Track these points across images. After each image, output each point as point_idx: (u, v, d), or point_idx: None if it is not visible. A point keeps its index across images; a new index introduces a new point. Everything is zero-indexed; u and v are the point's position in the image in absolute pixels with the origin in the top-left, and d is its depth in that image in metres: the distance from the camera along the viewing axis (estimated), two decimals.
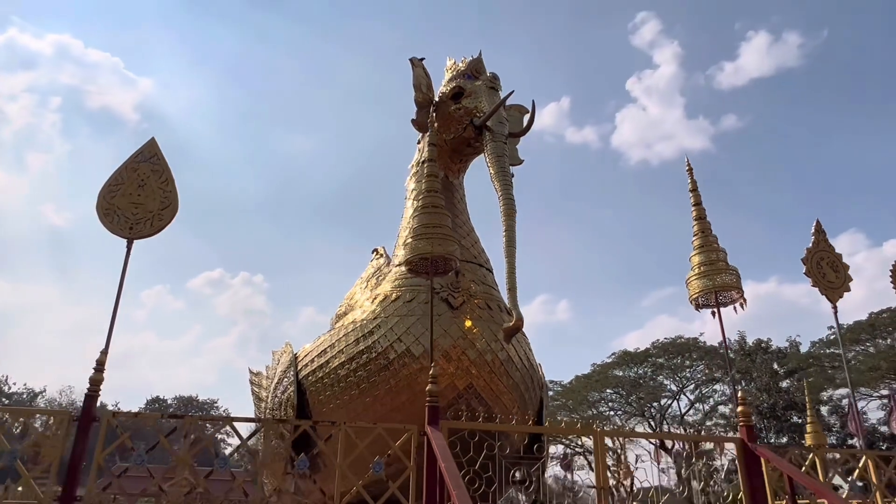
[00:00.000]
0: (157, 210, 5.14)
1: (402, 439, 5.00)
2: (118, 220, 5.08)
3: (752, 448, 5.42)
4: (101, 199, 5.12)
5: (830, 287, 6.47)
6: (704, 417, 39.61)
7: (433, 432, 4.80)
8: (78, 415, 4.31)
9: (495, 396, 8.09)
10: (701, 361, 40.25)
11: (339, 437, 4.89)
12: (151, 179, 5.25)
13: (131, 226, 5.07)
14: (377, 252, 12.72)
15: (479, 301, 8.34)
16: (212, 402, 66.28)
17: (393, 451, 4.87)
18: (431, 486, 4.53)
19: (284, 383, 9.20)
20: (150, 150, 5.42)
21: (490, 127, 8.56)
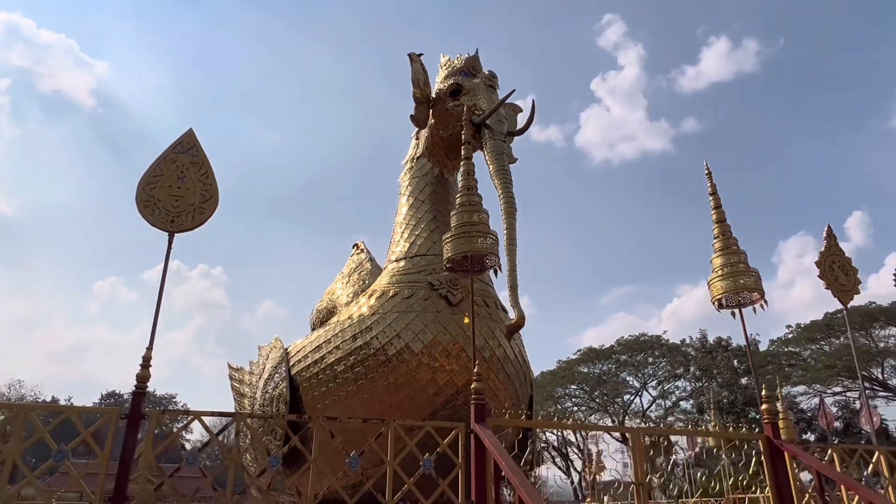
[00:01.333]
0: (198, 203, 5.00)
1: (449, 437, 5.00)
2: (159, 212, 4.92)
3: (777, 444, 5.60)
4: (140, 191, 4.94)
5: (842, 290, 6.74)
6: (666, 413, 40.60)
7: (482, 430, 4.82)
8: (126, 412, 4.17)
9: (492, 393, 8.14)
10: (663, 358, 41.28)
11: (388, 435, 4.85)
12: (191, 171, 5.10)
13: (172, 219, 4.92)
14: (357, 247, 12.67)
15: (476, 298, 8.36)
16: (170, 396, 65.04)
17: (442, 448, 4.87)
18: (480, 483, 4.55)
19: (276, 379, 9.08)
20: (188, 141, 5.26)
21: (489, 125, 8.59)
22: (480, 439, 4.78)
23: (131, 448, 4.00)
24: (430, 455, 4.76)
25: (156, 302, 4.63)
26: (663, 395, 40.35)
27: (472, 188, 6.11)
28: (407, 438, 4.82)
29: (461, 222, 5.84)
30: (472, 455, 4.77)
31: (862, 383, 9.24)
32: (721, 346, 38.40)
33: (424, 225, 9.02)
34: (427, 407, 7.79)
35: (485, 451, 4.67)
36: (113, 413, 4.22)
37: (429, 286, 8.29)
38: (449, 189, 9.57)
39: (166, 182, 5.08)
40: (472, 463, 4.61)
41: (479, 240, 5.72)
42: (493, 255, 5.93)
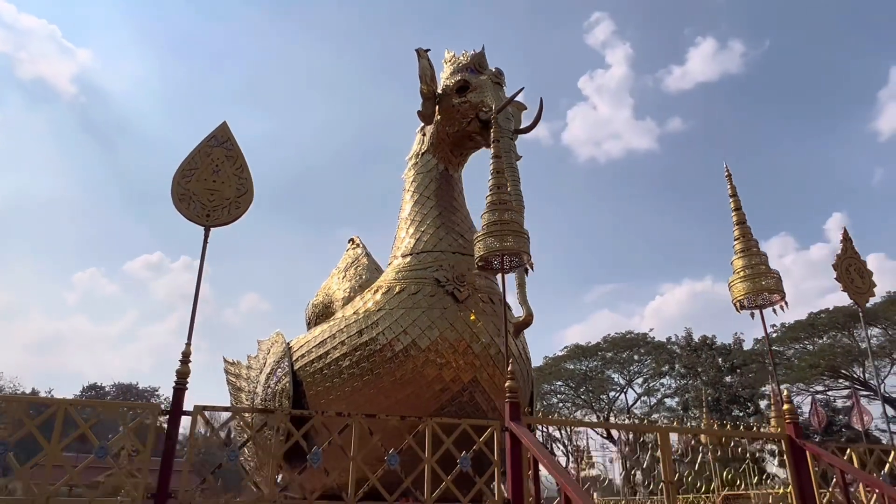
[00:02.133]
0: (234, 197, 4.94)
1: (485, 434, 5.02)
2: (194, 206, 4.85)
3: (799, 443, 5.69)
4: (175, 184, 4.87)
5: (858, 292, 6.85)
6: (651, 410, 41.05)
7: (518, 428, 4.84)
8: (167, 408, 4.12)
9: (497, 389, 8.17)
10: (649, 356, 41.70)
11: (426, 433, 4.85)
12: (226, 165, 5.03)
13: (208, 213, 4.85)
14: (353, 242, 12.62)
15: (482, 295, 8.39)
16: (153, 389, 64.26)
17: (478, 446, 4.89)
18: (517, 480, 4.57)
19: (278, 374, 9.03)
20: (223, 134, 5.19)
21: (498, 122, 8.58)
22: (517, 437, 4.79)
23: (173, 445, 3.96)
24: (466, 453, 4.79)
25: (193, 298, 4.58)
26: (648, 393, 40.82)
27: (501, 186, 6.11)
28: (444, 436, 4.82)
29: (492, 220, 5.84)
30: (508, 453, 4.78)
31: (877, 377, 9.33)
32: (706, 344, 38.87)
33: (430, 221, 9.01)
34: (433, 403, 7.81)
35: (520, 449, 4.69)
36: (154, 409, 4.17)
37: (435, 282, 8.29)
38: (454, 185, 9.57)
39: (201, 175, 5.01)
40: (507, 460, 4.62)
41: (510, 238, 5.73)
42: (524, 254, 5.92)
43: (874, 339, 32.09)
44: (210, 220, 4.89)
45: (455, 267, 8.42)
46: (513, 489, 4.66)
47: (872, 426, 34.91)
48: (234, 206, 5.00)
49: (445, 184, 9.42)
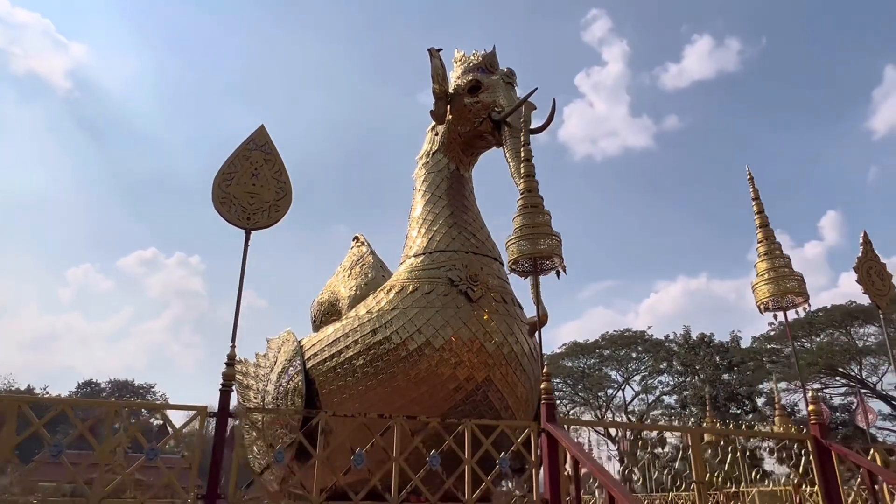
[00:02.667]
0: (273, 201, 4.96)
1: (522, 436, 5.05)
2: (235, 209, 4.87)
3: (825, 444, 5.76)
4: (215, 188, 4.89)
5: (879, 294, 6.92)
6: (648, 408, 41.22)
7: (556, 430, 4.88)
8: (215, 410, 4.14)
9: (511, 388, 8.22)
10: (647, 353, 41.85)
11: (463, 434, 4.87)
12: (264, 168, 5.04)
13: (248, 216, 4.87)
14: (357, 240, 12.63)
15: (495, 294, 8.42)
16: (149, 386, 64.04)
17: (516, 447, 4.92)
18: (554, 482, 4.61)
19: (290, 372, 9.04)
20: (261, 138, 5.20)
21: (510, 123, 8.62)
22: (555, 438, 4.82)
23: (221, 446, 3.97)
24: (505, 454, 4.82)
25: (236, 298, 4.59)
26: (646, 390, 40.96)
27: (533, 189, 6.14)
28: (482, 437, 4.86)
29: (524, 224, 5.86)
30: (545, 454, 4.80)
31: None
32: (704, 342, 39.04)
33: (443, 221, 9.02)
34: (447, 402, 7.84)
35: (557, 450, 4.72)
36: (202, 411, 4.19)
37: (448, 282, 8.31)
38: (465, 185, 9.58)
39: (241, 179, 5.02)
40: (544, 461, 4.65)
41: (542, 241, 5.75)
42: (557, 257, 5.94)
43: (871, 337, 32.31)
44: (251, 224, 4.91)
45: (468, 266, 8.44)
46: (550, 490, 4.68)
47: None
48: (273, 210, 5.02)
49: (457, 183, 9.43)
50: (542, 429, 5.00)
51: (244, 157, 5.19)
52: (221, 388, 4.32)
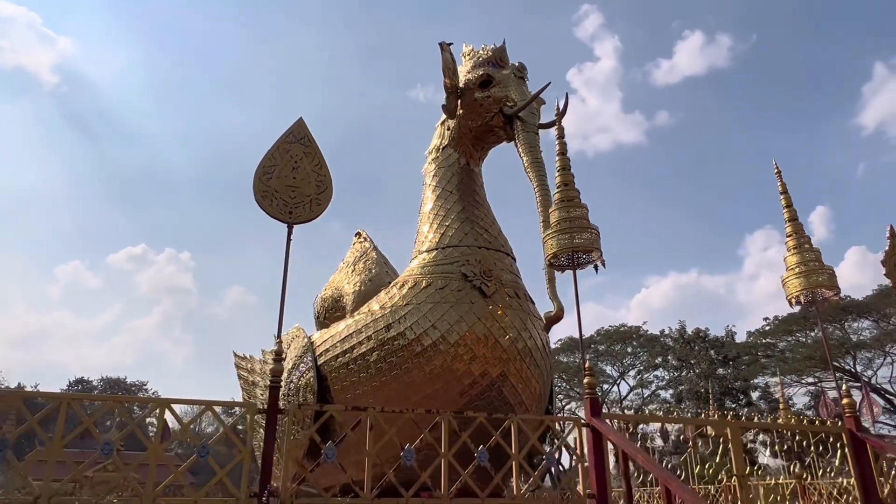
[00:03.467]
0: (315, 194, 4.90)
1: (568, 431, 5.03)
2: (277, 203, 4.81)
3: (861, 437, 5.83)
4: (256, 181, 4.82)
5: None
6: (644, 402, 41.45)
7: (602, 425, 4.87)
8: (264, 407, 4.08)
9: (525, 383, 8.21)
10: (642, 349, 42.05)
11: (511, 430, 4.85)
12: (304, 162, 4.98)
13: (290, 210, 4.81)
14: (360, 236, 12.57)
15: (508, 290, 8.40)
16: (141, 384, 63.63)
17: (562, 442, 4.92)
18: (600, 477, 4.59)
19: (301, 368, 9.00)
20: (300, 131, 5.13)
21: (522, 118, 8.59)
22: (601, 433, 4.81)
23: (272, 443, 3.92)
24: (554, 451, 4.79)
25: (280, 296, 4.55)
26: (642, 385, 41.16)
27: (568, 183, 6.12)
28: (529, 432, 4.84)
29: (561, 218, 5.82)
30: (590, 449, 4.80)
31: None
32: (699, 337, 39.28)
33: (455, 216, 8.98)
34: (463, 398, 7.83)
35: (602, 444, 4.72)
36: (251, 408, 4.14)
37: (462, 277, 8.28)
38: (475, 179, 9.54)
39: (281, 172, 4.96)
40: (590, 456, 4.63)
41: (580, 235, 5.73)
42: (596, 250, 5.91)
43: (866, 331, 32.62)
44: (293, 217, 4.86)
45: (482, 262, 8.41)
46: (597, 484, 4.67)
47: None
48: (314, 203, 4.97)
49: (467, 178, 9.39)
50: (587, 423, 4.98)
51: (284, 150, 5.12)
52: (271, 384, 4.26)
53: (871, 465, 5.57)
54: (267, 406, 4.12)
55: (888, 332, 31.46)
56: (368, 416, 4.54)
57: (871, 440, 5.81)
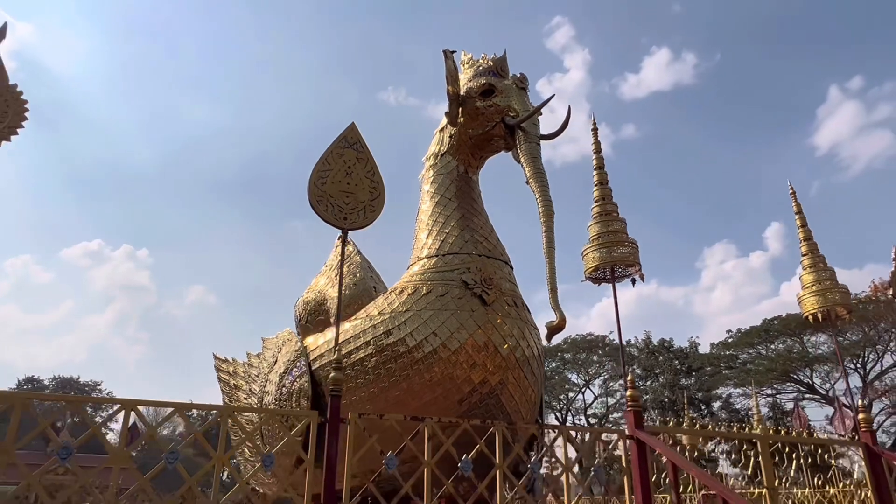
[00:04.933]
0: (368, 201, 4.82)
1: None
2: (331, 209, 4.72)
3: (877, 451, 6.02)
4: (311, 186, 4.72)
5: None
6: (608, 410, 42.03)
7: (647, 436, 4.90)
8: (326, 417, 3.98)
9: (522, 391, 8.27)
10: (607, 357, 42.66)
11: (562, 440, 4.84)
12: (357, 167, 4.90)
13: (345, 216, 4.72)
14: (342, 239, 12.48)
15: (507, 298, 8.45)
16: (95, 383, 61.68)
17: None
18: (645, 490, 4.62)
19: (294, 373, 8.88)
20: (352, 136, 5.05)
21: (525, 128, 8.66)
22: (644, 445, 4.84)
23: (334, 451, 3.84)
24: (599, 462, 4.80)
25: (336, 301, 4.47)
26: (607, 393, 41.75)
27: (606, 197, 6.19)
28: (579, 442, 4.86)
29: (599, 232, 5.88)
30: (635, 461, 4.82)
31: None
32: (664, 347, 40.04)
33: (454, 223, 8.99)
34: (462, 405, 7.84)
35: (646, 457, 4.76)
36: (313, 416, 4.04)
37: (463, 284, 8.29)
38: (473, 187, 9.57)
39: (335, 177, 4.88)
40: (634, 469, 4.66)
41: (618, 249, 5.78)
42: (636, 264, 5.97)
43: (823, 345, 33.71)
44: (347, 223, 4.80)
45: (482, 270, 8.44)
46: (642, 497, 4.70)
47: (818, 427, 36.77)
48: (368, 210, 4.91)
49: (466, 185, 9.40)
50: (630, 435, 5.02)
51: (337, 154, 5.06)
52: (332, 392, 4.20)
53: (887, 479, 5.79)
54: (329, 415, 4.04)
55: (845, 347, 32.58)
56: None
57: (886, 454, 6.02)
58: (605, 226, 5.90)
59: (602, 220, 5.96)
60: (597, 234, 5.90)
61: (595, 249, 5.93)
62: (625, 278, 6.25)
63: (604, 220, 5.94)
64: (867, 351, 32.41)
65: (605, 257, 5.73)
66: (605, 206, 6.00)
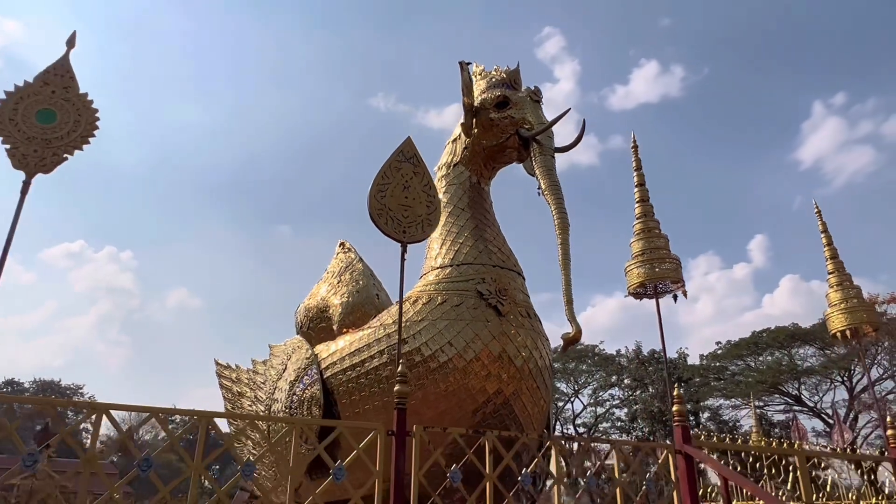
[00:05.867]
0: (425, 215, 4.86)
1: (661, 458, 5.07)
2: (391, 223, 4.74)
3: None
4: (371, 199, 4.75)
5: None
6: (597, 420, 42.20)
7: (696, 451, 4.97)
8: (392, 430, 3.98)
9: (534, 402, 8.32)
10: (597, 367, 42.85)
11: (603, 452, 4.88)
12: (414, 181, 4.93)
13: (404, 229, 4.75)
14: (343, 246, 12.51)
15: (521, 309, 8.51)
16: (77, 387, 60.91)
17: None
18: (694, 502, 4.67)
19: (305, 381, 8.87)
20: (409, 150, 5.09)
21: (540, 141, 8.76)
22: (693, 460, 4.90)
23: (402, 467, 3.85)
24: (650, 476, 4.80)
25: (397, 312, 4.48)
26: (596, 403, 41.92)
27: (648, 214, 6.25)
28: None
29: (643, 249, 5.95)
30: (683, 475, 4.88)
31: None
32: (654, 357, 40.28)
33: (468, 233, 9.05)
34: (476, 415, 7.88)
35: (694, 471, 4.80)
36: (380, 428, 4.05)
37: (478, 295, 8.34)
38: (485, 198, 9.64)
39: (394, 191, 4.91)
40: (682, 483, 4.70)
41: (661, 265, 5.85)
42: (680, 281, 6.05)
43: (811, 357, 34.13)
44: (406, 237, 4.82)
45: (497, 280, 8.51)
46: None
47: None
48: (426, 224, 4.94)
49: (478, 196, 9.48)
50: (679, 450, 5.05)
51: (395, 168, 5.09)
52: (397, 406, 4.21)
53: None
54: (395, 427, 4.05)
55: (833, 360, 33.02)
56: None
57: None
58: (648, 242, 5.97)
59: (645, 236, 6.03)
60: (640, 250, 5.97)
61: (639, 266, 6.00)
62: (666, 293, 6.32)
63: (647, 237, 6.00)
64: (854, 364, 32.81)
65: (649, 273, 5.79)
66: (647, 223, 6.08)
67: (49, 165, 4.14)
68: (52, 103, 4.23)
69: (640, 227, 6.17)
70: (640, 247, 6.02)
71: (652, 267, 5.85)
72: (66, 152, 4.18)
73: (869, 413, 31.98)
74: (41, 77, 4.42)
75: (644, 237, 6.03)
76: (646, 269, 5.87)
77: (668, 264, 5.92)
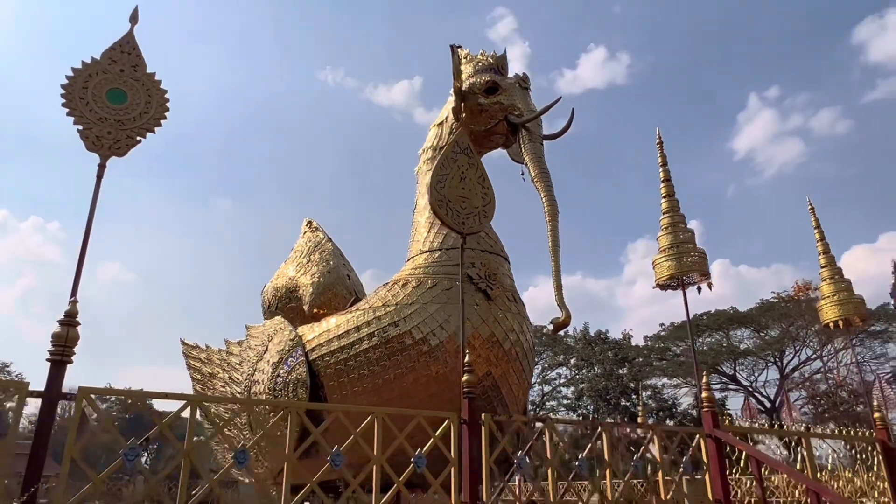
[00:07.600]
0: (482, 206, 4.82)
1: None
2: (451, 213, 4.70)
3: (892, 447, 6.64)
4: (432, 190, 4.68)
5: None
6: (544, 398, 43.28)
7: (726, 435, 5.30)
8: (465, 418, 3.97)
9: (519, 383, 8.57)
10: (545, 348, 43.80)
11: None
12: (469, 173, 4.88)
13: (463, 220, 4.72)
14: (310, 225, 12.40)
15: (508, 293, 8.67)
16: (3, 365, 57.94)
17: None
18: (725, 485, 4.89)
19: (290, 363, 8.82)
20: (463, 142, 5.01)
21: (529, 128, 8.88)
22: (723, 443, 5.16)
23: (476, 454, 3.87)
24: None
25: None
26: (544, 382, 42.90)
27: (674, 208, 6.40)
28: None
29: (670, 243, 6.10)
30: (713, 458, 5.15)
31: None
32: (600, 338, 41.50)
33: None
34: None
35: (723, 454, 5.08)
36: (453, 418, 4.05)
37: (467, 279, 8.43)
38: None
39: (451, 182, 4.89)
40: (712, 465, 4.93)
41: (686, 258, 6.01)
42: (707, 274, 6.22)
43: (748, 340, 35.96)
44: (465, 228, 4.83)
45: (486, 265, 8.65)
46: (723, 491, 5.02)
47: (735, 416, 39.27)
48: (482, 216, 4.95)
49: None
50: (709, 434, 5.30)
51: (452, 160, 5.07)
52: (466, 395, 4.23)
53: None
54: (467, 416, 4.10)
55: (768, 342, 34.86)
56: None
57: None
58: (675, 237, 6.17)
59: (672, 231, 6.22)
60: (668, 244, 6.17)
61: (667, 259, 6.20)
62: (691, 285, 6.56)
63: (673, 231, 6.20)
64: (786, 347, 34.77)
65: (676, 266, 6.00)
66: (673, 217, 6.28)
67: (123, 148, 3.99)
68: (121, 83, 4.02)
69: (666, 221, 6.38)
70: (667, 241, 6.23)
71: (679, 261, 6.06)
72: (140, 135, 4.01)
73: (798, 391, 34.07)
74: (108, 54, 4.21)
75: (671, 231, 6.24)
76: (673, 262, 6.08)
77: (694, 257, 6.15)
